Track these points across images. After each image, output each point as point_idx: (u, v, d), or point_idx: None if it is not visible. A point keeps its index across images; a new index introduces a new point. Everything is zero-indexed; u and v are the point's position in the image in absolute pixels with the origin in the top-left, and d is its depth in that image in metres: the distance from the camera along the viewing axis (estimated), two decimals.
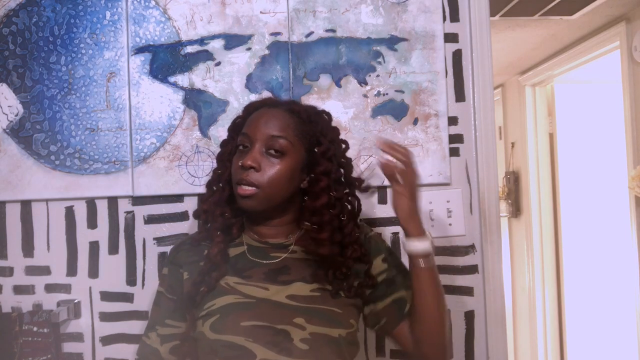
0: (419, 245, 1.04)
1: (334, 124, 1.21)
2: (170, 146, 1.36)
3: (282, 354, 0.98)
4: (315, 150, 1.08)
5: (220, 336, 1.00)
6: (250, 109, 1.11)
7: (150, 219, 1.37)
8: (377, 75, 1.40)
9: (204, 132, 1.37)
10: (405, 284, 1.11)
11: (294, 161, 1.05)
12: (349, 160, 1.11)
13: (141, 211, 1.37)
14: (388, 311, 1.10)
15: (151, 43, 1.37)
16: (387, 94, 1.40)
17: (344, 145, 1.12)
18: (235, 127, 1.11)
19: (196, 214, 1.14)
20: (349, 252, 1.06)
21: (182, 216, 1.37)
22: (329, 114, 1.13)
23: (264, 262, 1.07)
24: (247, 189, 1.02)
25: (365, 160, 1.38)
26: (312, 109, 1.12)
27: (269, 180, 1.03)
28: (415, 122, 1.40)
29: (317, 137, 1.08)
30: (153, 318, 1.13)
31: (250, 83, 1.38)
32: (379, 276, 1.11)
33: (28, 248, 1.36)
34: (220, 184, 1.10)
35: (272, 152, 1.03)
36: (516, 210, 3.73)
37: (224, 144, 1.13)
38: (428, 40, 1.41)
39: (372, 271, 1.10)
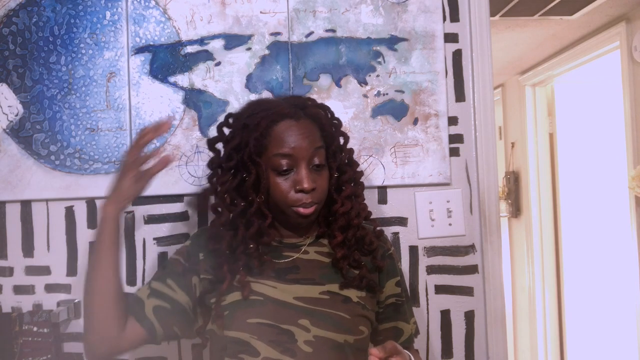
0: None
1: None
2: (170, 146, 1.36)
3: (286, 354, 0.99)
4: (341, 154, 1.11)
5: (228, 332, 1.00)
6: (267, 123, 1.03)
7: (150, 219, 1.37)
8: (377, 75, 1.40)
9: (204, 132, 1.37)
10: (407, 316, 1.15)
11: (327, 167, 1.08)
12: (352, 151, 1.14)
13: (141, 211, 1.37)
14: (387, 333, 1.13)
15: (151, 43, 1.37)
16: (387, 94, 1.40)
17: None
18: (257, 149, 1.02)
19: (212, 238, 1.07)
20: (357, 246, 1.09)
21: (182, 216, 1.37)
22: (327, 107, 1.14)
23: (276, 260, 1.07)
24: (311, 209, 1.03)
25: (365, 160, 1.38)
26: (322, 108, 1.12)
27: (323, 194, 1.06)
28: (415, 122, 1.40)
29: (335, 136, 1.10)
30: (152, 277, 1.10)
31: (250, 83, 1.38)
32: (389, 299, 1.13)
33: (28, 248, 1.36)
34: (245, 218, 1.04)
35: (315, 166, 1.04)
36: (516, 210, 3.73)
37: (240, 172, 1.04)
38: (428, 40, 1.41)
39: (384, 292, 1.12)
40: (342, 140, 1.13)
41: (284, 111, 1.04)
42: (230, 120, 1.10)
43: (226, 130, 1.11)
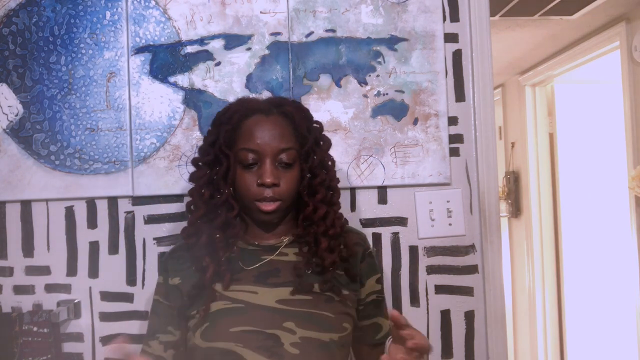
0: None
1: (331, 122, 1.20)
2: (170, 146, 1.36)
3: (273, 359, 0.98)
4: (314, 157, 1.08)
5: (211, 343, 1.00)
6: (238, 117, 1.06)
7: (150, 219, 1.37)
8: (377, 75, 1.40)
9: (204, 132, 1.36)
10: (387, 312, 1.13)
11: (298, 168, 1.07)
12: (332, 160, 1.12)
13: (141, 211, 1.37)
14: (366, 330, 1.13)
15: (151, 43, 1.37)
16: (387, 94, 1.40)
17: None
18: (227, 142, 1.05)
19: (186, 235, 1.09)
20: (336, 251, 1.07)
21: (182, 216, 1.36)
22: (307, 109, 1.14)
23: (255, 265, 1.06)
24: (272, 205, 1.03)
25: (365, 160, 1.38)
26: (299, 108, 1.11)
27: (288, 192, 1.04)
28: (415, 122, 1.40)
29: (307, 137, 1.08)
30: (152, 327, 1.11)
31: (250, 83, 1.38)
32: (370, 296, 1.13)
33: (28, 248, 1.36)
34: (217, 208, 1.06)
35: (282, 164, 1.04)
36: (516, 210, 3.73)
37: (211, 164, 1.07)
38: (428, 40, 1.41)
39: (365, 289, 1.12)
40: (320, 144, 1.11)
41: (256, 107, 1.07)
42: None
43: None
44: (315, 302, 1.03)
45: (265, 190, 1.02)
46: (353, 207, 1.39)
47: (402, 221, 1.40)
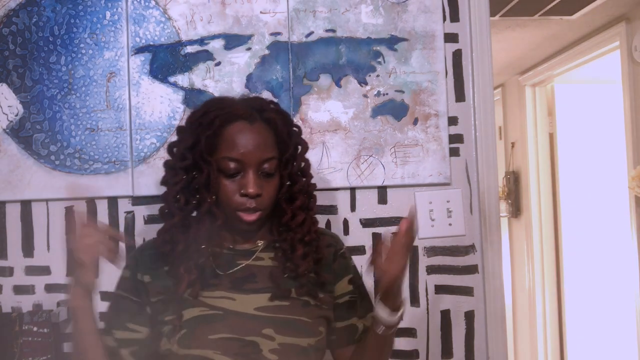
0: (388, 318, 1.02)
1: (331, 122, 1.19)
2: None
3: None
4: (293, 164, 1.07)
5: (189, 350, 0.98)
6: (220, 123, 1.01)
7: (150, 219, 1.37)
8: (377, 75, 1.40)
9: None
10: (362, 312, 1.12)
11: (279, 176, 1.05)
12: (309, 164, 1.10)
13: (141, 211, 1.37)
14: (341, 332, 1.11)
15: (151, 43, 1.37)
16: (387, 94, 1.40)
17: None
18: (209, 148, 1.01)
19: (162, 241, 1.05)
20: (310, 257, 1.06)
21: None
22: (287, 113, 1.12)
23: (230, 270, 1.05)
24: (254, 215, 1.01)
25: (365, 160, 1.38)
26: (279, 113, 1.08)
27: (269, 202, 1.03)
28: (415, 122, 1.40)
29: (288, 145, 1.06)
30: (109, 323, 1.07)
31: (250, 83, 1.38)
32: (342, 297, 1.11)
33: (28, 248, 1.36)
34: (196, 215, 1.04)
35: (264, 173, 1.02)
36: (516, 210, 3.73)
37: (188, 169, 1.03)
38: (428, 40, 1.41)
39: (337, 290, 1.10)
40: (299, 149, 1.09)
41: (239, 112, 1.03)
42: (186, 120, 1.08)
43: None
44: (292, 307, 1.02)
45: (249, 200, 1.00)
46: (353, 207, 1.39)
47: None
